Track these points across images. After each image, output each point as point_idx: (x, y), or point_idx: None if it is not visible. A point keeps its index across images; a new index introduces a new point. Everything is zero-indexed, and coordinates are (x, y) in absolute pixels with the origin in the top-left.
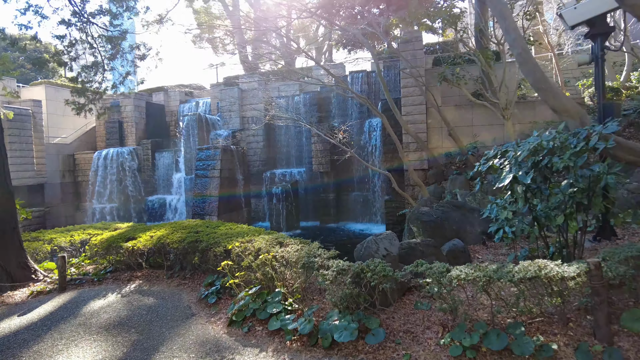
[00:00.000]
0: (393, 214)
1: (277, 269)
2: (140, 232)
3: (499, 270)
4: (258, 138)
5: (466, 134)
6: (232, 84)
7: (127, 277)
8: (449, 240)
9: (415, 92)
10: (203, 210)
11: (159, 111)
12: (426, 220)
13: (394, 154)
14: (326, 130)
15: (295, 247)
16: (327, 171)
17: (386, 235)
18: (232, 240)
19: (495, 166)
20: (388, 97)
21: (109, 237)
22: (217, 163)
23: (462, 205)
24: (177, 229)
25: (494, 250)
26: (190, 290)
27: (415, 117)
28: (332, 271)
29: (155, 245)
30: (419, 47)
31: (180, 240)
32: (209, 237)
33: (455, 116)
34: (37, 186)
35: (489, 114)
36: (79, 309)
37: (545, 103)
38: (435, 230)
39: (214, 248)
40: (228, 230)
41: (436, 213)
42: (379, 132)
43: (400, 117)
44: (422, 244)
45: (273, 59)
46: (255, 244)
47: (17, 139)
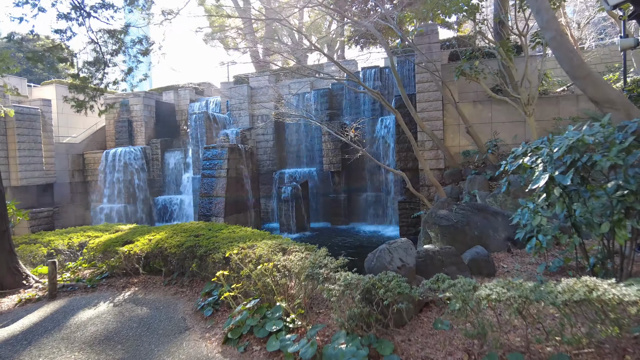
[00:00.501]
0: (407, 215)
1: (278, 280)
2: (139, 235)
3: (538, 290)
4: (267, 137)
5: (485, 132)
6: (242, 82)
7: (122, 284)
8: (470, 246)
9: (431, 87)
10: (209, 212)
11: (169, 110)
12: (445, 225)
13: (408, 152)
14: (337, 128)
15: (299, 255)
16: (338, 171)
17: (401, 243)
18: (233, 246)
19: (526, 165)
20: (402, 92)
21: (106, 240)
22: (224, 162)
23: (484, 208)
24: (177, 232)
25: (520, 258)
26: (187, 300)
27: (431, 113)
28: (339, 285)
29: (153, 249)
30: (435, 40)
31: (178, 245)
32: (209, 241)
33: (473, 113)
34: (47, 186)
35: (509, 110)
36: (65, 320)
37: (584, 93)
38: (455, 235)
39: (212, 254)
40: (230, 234)
41: (456, 217)
42: (392, 130)
43: (415, 113)
44: (442, 252)
45: (284, 56)
46: (257, 250)
47: (26, 139)
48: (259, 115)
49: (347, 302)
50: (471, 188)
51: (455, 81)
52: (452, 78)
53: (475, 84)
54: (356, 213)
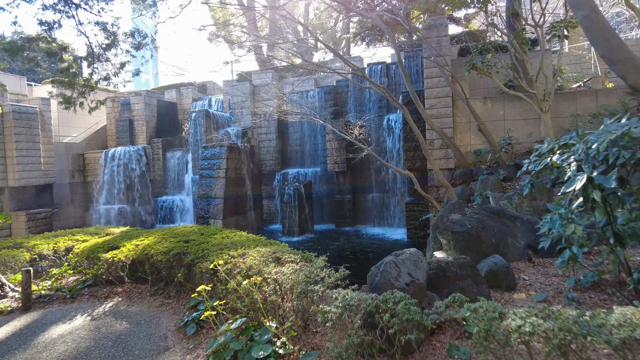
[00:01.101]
0: (415, 217)
1: (267, 296)
2: (127, 240)
3: (583, 321)
4: (270, 136)
5: (497, 130)
6: (244, 79)
7: (105, 294)
8: (486, 255)
9: (440, 83)
10: (207, 213)
11: (171, 109)
12: (458, 232)
13: (416, 152)
14: (341, 126)
15: (293, 266)
16: (342, 171)
17: (409, 254)
18: (223, 253)
19: (556, 164)
20: (410, 88)
21: (92, 245)
22: (223, 162)
23: (501, 212)
24: (167, 237)
25: (543, 269)
26: (172, 313)
27: (440, 110)
28: (335, 307)
29: (139, 256)
30: (444, 34)
31: (165, 252)
32: (198, 248)
33: (484, 110)
34: (45, 186)
35: (523, 107)
36: (34, 337)
37: (624, 80)
38: (469, 243)
39: (199, 263)
40: (222, 240)
41: (470, 222)
42: (399, 128)
43: (423, 110)
44: (456, 263)
45: (288, 52)
46: (247, 259)
47: (24, 138)
48: (261, 113)
49: (346, 328)
50: (483, 189)
51: (466, 76)
52: (462, 73)
53: (487, 80)
54: (361, 215)
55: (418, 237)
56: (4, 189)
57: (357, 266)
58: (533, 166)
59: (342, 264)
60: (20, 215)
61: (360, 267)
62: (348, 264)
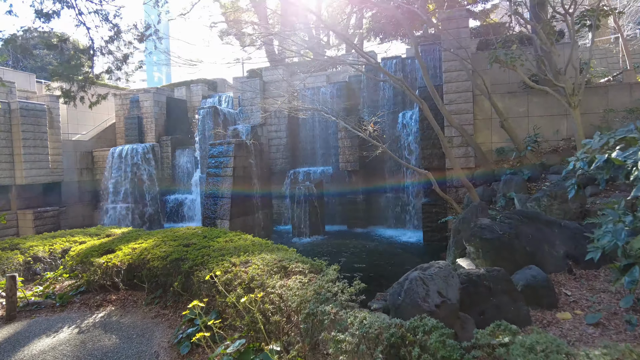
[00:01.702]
0: (432, 219)
1: (270, 316)
2: (125, 243)
3: None
4: (280, 134)
5: (520, 127)
6: (255, 76)
7: (98, 301)
8: (520, 266)
9: (459, 77)
10: (214, 213)
11: (181, 107)
12: (488, 238)
13: (433, 150)
14: (355, 123)
15: (301, 278)
16: (355, 170)
17: (439, 269)
18: (224, 260)
19: (618, 161)
20: (428, 81)
21: (88, 248)
22: (230, 160)
23: (535, 217)
24: (167, 240)
25: (587, 282)
26: (168, 326)
27: (460, 106)
28: (351, 336)
29: (135, 261)
30: (463, 25)
31: (163, 257)
32: (199, 253)
33: (506, 106)
34: (53, 185)
35: (548, 103)
36: (13, 352)
37: None
38: (500, 251)
39: (197, 271)
40: (226, 244)
41: (502, 228)
42: (415, 125)
43: (442, 105)
44: (488, 276)
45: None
46: (250, 268)
47: (32, 135)
48: (272, 110)
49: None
50: (507, 190)
51: (488, 70)
52: (483, 67)
53: (508, 74)
54: (375, 215)
55: (435, 240)
56: (12, 187)
57: (370, 271)
58: (581, 164)
59: (355, 268)
60: (27, 214)
61: (374, 272)
62: (361, 269)
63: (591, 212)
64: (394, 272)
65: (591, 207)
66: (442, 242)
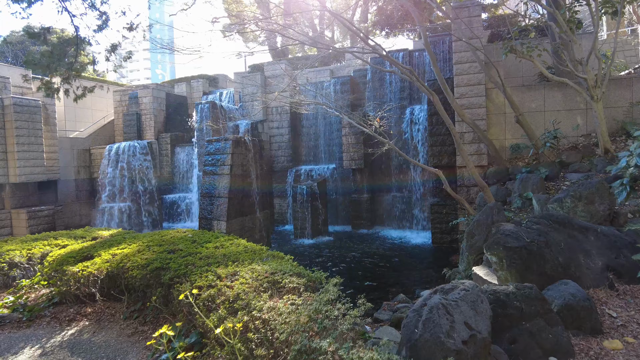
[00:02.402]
0: (441, 220)
1: (254, 348)
2: (106, 248)
3: None
4: (282, 130)
5: (535, 122)
6: (257, 70)
7: (71, 315)
8: (552, 280)
9: (471, 69)
10: (211, 214)
11: (181, 103)
12: (514, 247)
13: (443, 147)
14: (359, 118)
15: (294, 299)
16: (360, 168)
17: (465, 291)
18: (209, 272)
19: None
20: (438, 73)
21: (66, 253)
22: (228, 158)
23: (567, 222)
24: (152, 245)
25: (633, 300)
26: (144, 347)
27: (472, 100)
28: None
29: (114, 269)
30: (476, 14)
31: (143, 265)
32: (183, 262)
33: (520, 100)
34: (49, 183)
35: (567, 96)
36: None
37: None
38: (529, 262)
39: (178, 284)
40: (215, 251)
41: (529, 234)
42: (423, 120)
43: (453, 99)
44: (519, 294)
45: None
46: (237, 283)
47: (26, 132)
48: (274, 106)
49: None
50: (523, 190)
51: (501, 62)
52: (496, 59)
53: (522, 67)
54: (380, 216)
55: (444, 242)
56: (5, 185)
57: (376, 276)
58: (637, 160)
59: (360, 274)
60: (21, 213)
61: (380, 277)
62: (366, 275)
63: (620, 215)
64: (402, 277)
65: (620, 209)
66: (452, 245)
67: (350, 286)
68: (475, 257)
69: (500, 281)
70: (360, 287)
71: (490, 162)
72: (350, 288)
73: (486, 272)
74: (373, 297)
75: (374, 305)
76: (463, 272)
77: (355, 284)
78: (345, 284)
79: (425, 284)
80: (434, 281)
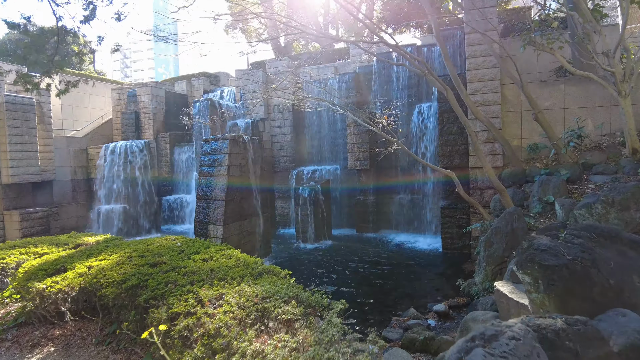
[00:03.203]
0: (452, 225)
1: None
2: (85, 259)
3: None
4: (285, 129)
5: (554, 120)
6: (259, 68)
7: (35, 338)
8: (601, 306)
9: (485, 63)
10: (207, 218)
11: (181, 101)
12: (553, 265)
13: (454, 147)
14: (365, 117)
15: (286, 339)
16: (365, 168)
17: (514, 342)
18: (190, 293)
19: None
20: (450, 67)
21: (40, 264)
22: (225, 158)
23: (614, 235)
24: (135, 255)
25: None
26: None
27: (486, 96)
28: None
29: (87, 285)
30: (491, 4)
31: (119, 282)
32: (164, 278)
33: (537, 97)
34: (44, 183)
35: (589, 92)
36: None
37: None
38: (572, 284)
39: (153, 309)
40: (202, 264)
41: (570, 250)
42: (433, 119)
43: (466, 95)
44: (572, 332)
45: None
46: (220, 311)
47: (19, 131)
48: (275, 105)
49: None
50: (543, 193)
51: (516, 56)
52: (512, 53)
53: (538, 61)
54: (386, 219)
55: (455, 248)
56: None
57: (384, 286)
58: None
59: (365, 283)
60: (13, 215)
61: (388, 288)
62: (373, 284)
63: None
64: (412, 287)
65: None
66: (464, 250)
67: (355, 298)
68: (494, 269)
69: (535, 306)
70: (366, 299)
71: (506, 163)
72: (355, 300)
73: (511, 289)
74: (380, 310)
75: (382, 319)
76: (480, 285)
77: (361, 295)
78: (350, 296)
79: (438, 295)
80: (446, 292)
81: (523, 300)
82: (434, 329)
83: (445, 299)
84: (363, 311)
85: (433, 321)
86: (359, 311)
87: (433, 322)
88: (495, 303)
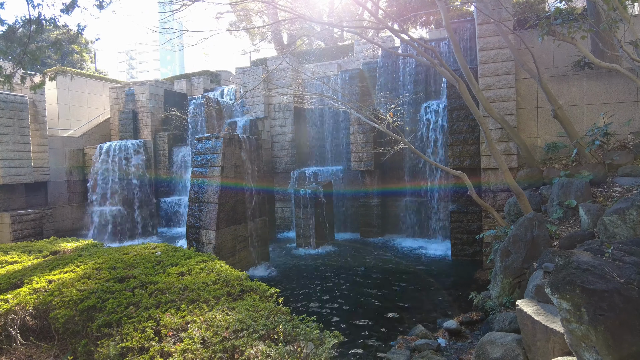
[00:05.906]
0: (462, 230)
1: None
2: (48, 271)
3: None
4: (285, 129)
5: (574, 117)
6: (259, 65)
7: None
8: None
9: (499, 56)
10: (199, 222)
11: (180, 100)
12: (601, 291)
13: (464, 146)
14: (369, 114)
15: None
16: (369, 169)
17: None
18: (150, 319)
19: None
20: (461, 60)
21: None
22: (218, 158)
23: None
24: (105, 267)
25: None
26: None
27: (499, 92)
28: None
29: (41, 303)
30: None
31: (75, 302)
32: (127, 297)
33: (556, 92)
34: (38, 184)
35: (613, 86)
36: None
37: None
38: (627, 316)
39: (105, 339)
40: (177, 280)
41: (622, 272)
42: (441, 117)
43: (478, 90)
44: None
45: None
46: (179, 349)
47: (10, 130)
48: (276, 103)
49: None
50: (564, 197)
51: (532, 48)
52: (523, 47)
53: (554, 55)
54: (392, 223)
55: (466, 255)
56: None
57: (389, 297)
58: None
59: (368, 295)
60: (4, 217)
61: (393, 299)
62: (377, 295)
63: None
64: (419, 299)
65: None
66: (475, 258)
67: (358, 311)
68: (512, 281)
69: (575, 338)
70: (369, 312)
71: (520, 163)
72: (358, 313)
73: (536, 309)
74: (385, 326)
75: (388, 334)
76: (496, 299)
77: (364, 307)
78: (351, 309)
79: (448, 309)
80: (457, 305)
81: (553, 325)
82: (445, 350)
83: (456, 313)
84: (366, 326)
85: (444, 340)
86: (362, 326)
87: (444, 342)
88: (516, 322)
